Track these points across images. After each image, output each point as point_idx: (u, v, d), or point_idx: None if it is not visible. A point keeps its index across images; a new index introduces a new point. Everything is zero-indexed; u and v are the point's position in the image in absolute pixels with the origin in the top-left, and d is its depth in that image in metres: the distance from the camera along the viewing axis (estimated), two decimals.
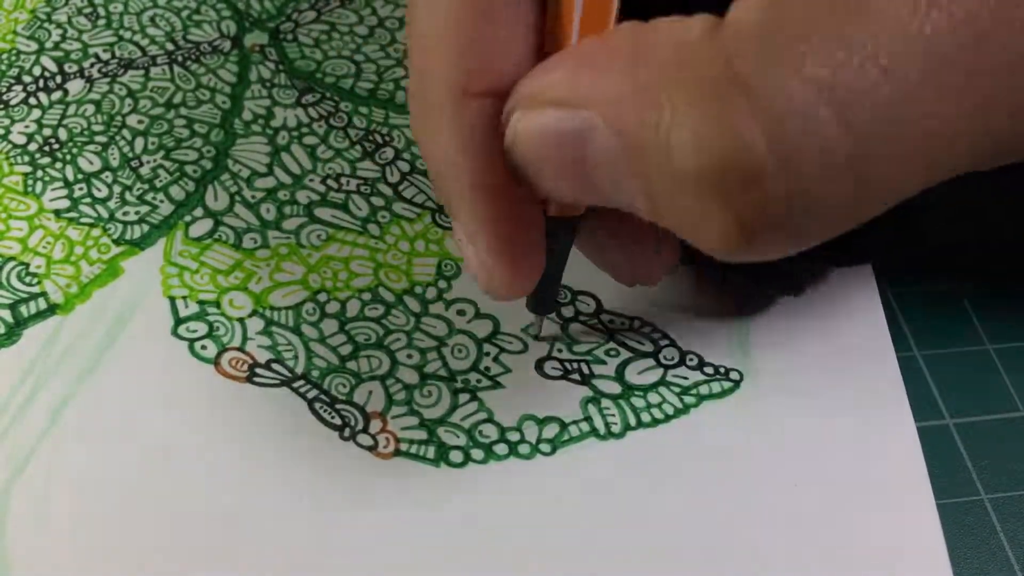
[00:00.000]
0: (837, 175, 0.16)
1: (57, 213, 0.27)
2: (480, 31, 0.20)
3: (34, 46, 0.32)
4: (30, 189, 0.28)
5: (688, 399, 0.25)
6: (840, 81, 0.16)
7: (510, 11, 0.20)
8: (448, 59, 0.20)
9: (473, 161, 0.20)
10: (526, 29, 0.20)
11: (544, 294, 0.23)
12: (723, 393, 0.25)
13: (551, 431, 0.24)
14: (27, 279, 0.26)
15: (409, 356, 0.25)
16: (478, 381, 0.25)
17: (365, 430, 0.24)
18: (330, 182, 0.29)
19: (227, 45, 0.32)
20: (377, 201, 0.28)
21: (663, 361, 0.25)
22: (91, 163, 0.29)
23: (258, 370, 0.24)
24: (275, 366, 0.25)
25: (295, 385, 0.24)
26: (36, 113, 0.30)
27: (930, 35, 0.16)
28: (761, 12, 0.16)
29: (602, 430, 0.24)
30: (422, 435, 0.24)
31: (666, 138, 0.17)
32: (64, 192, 0.28)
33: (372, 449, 0.23)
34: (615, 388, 0.25)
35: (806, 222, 0.17)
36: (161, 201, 0.28)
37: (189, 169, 0.29)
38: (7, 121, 0.29)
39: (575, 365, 0.25)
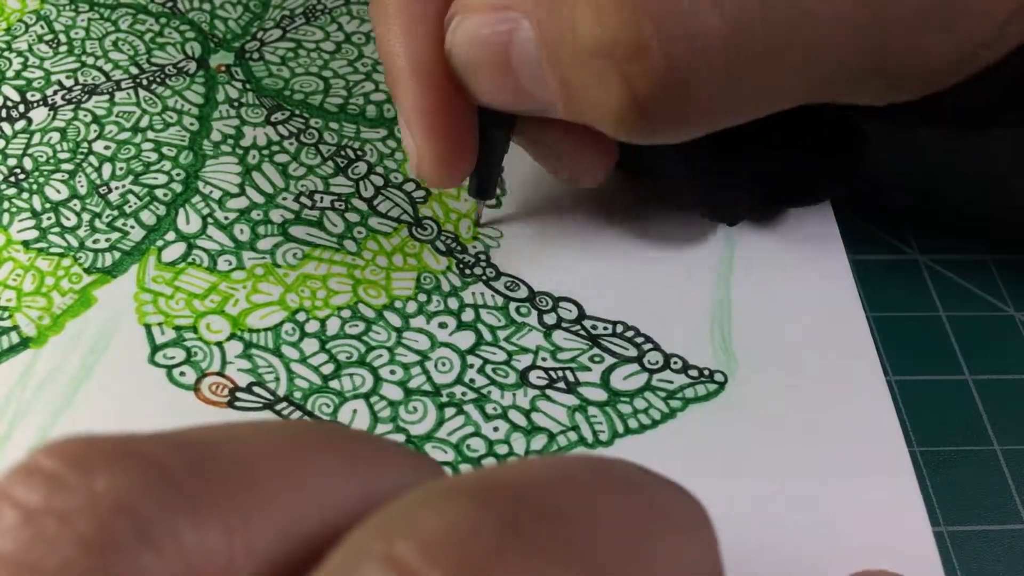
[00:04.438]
0: (712, 59, 0.19)
1: (26, 244, 0.27)
2: None
3: None
4: None
5: (674, 403, 0.24)
6: None
7: None
8: None
9: (413, 51, 0.23)
10: None
11: (483, 180, 0.26)
12: (708, 396, 0.25)
13: (539, 442, 0.24)
14: None
15: (392, 372, 0.25)
16: (463, 394, 0.24)
17: None
18: (304, 199, 0.28)
19: (192, 66, 0.32)
20: (352, 217, 0.28)
21: (647, 365, 0.25)
22: (58, 191, 0.28)
23: (239, 394, 0.24)
24: (256, 389, 0.24)
25: (278, 408, 0.24)
26: (0, 143, 0.29)
27: None
28: None
29: (590, 439, 0.24)
30: None
31: (571, 20, 0.19)
32: (32, 222, 0.27)
33: None
34: (601, 395, 0.24)
35: (687, 102, 0.19)
36: (132, 227, 0.27)
37: (159, 193, 0.28)
38: None
39: (560, 373, 0.25)
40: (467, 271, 0.27)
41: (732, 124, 0.21)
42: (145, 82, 0.31)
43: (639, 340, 0.26)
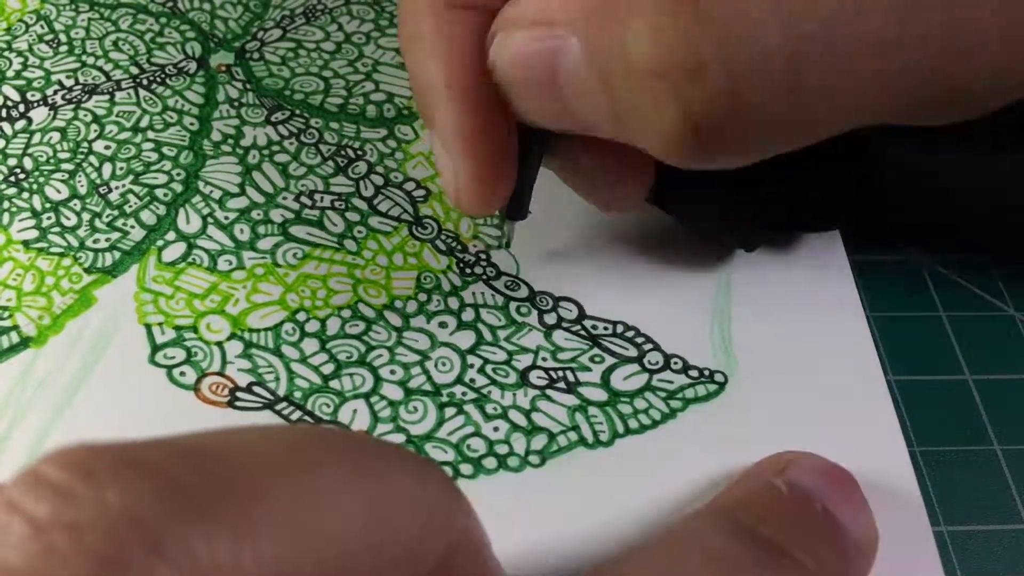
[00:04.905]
0: (774, 81, 0.18)
1: (26, 244, 0.27)
2: None
3: None
4: None
5: (674, 403, 0.24)
6: None
7: None
8: None
9: (452, 74, 0.22)
10: None
11: (518, 200, 0.24)
12: (708, 396, 0.25)
13: (539, 442, 0.24)
14: None
15: (392, 372, 0.25)
16: (463, 394, 0.24)
17: None
18: (304, 199, 0.28)
19: (192, 66, 0.32)
20: (352, 216, 0.28)
21: (648, 366, 0.25)
22: (59, 191, 0.28)
23: (239, 394, 0.24)
24: (257, 389, 0.24)
25: (278, 407, 0.24)
26: (0, 143, 0.29)
27: None
28: None
29: (590, 439, 0.24)
30: None
31: (623, 39, 0.18)
32: (32, 222, 0.27)
33: None
34: (601, 395, 0.24)
35: (746, 125, 0.18)
36: (132, 227, 0.27)
37: (159, 193, 0.28)
38: None
39: (560, 373, 0.25)
40: (467, 270, 0.27)
41: (789, 149, 0.20)
42: (145, 82, 0.31)
43: (639, 340, 0.26)
